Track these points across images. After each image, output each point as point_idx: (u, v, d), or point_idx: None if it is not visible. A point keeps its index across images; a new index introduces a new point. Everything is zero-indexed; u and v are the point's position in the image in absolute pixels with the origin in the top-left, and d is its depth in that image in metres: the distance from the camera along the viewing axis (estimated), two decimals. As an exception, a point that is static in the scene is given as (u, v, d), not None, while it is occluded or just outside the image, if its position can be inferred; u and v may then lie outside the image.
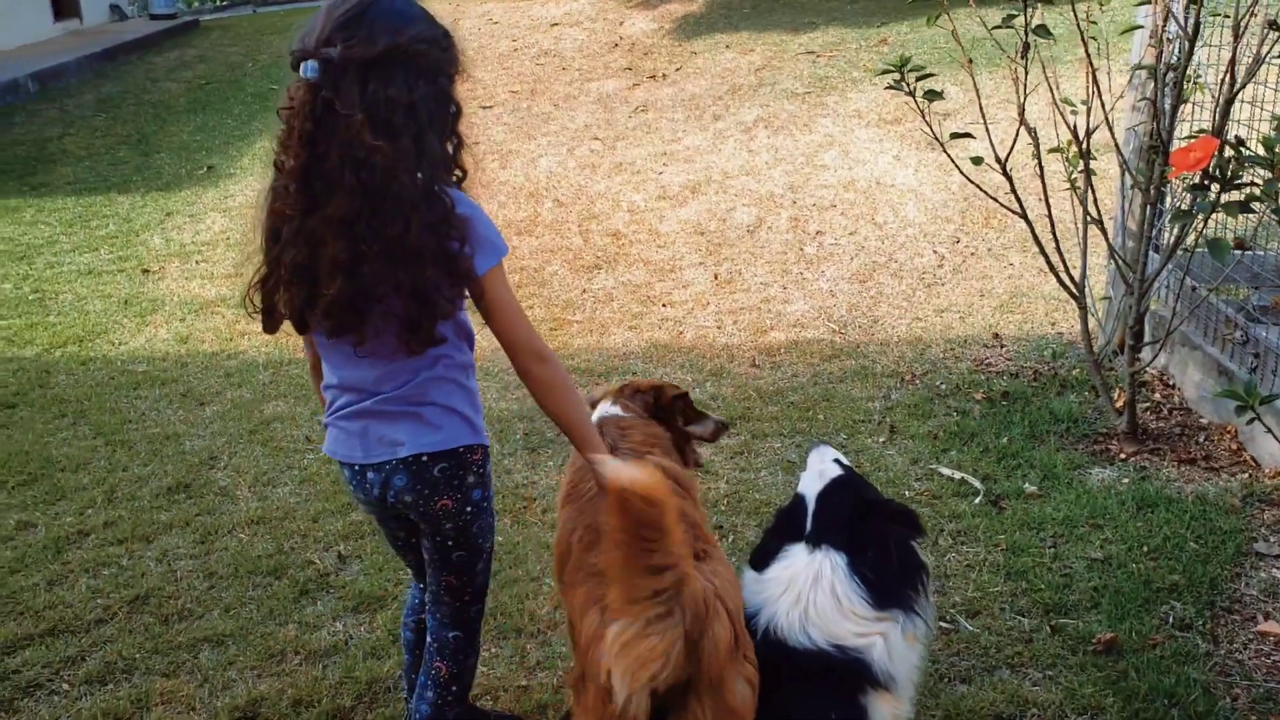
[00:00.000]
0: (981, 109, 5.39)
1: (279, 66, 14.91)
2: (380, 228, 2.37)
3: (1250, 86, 4.59)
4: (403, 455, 2.64)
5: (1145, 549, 4.30)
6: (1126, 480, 4.82)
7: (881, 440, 5.38)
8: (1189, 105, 5.24)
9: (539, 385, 2.65)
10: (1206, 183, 4.07)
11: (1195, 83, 4.92)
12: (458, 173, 2.57)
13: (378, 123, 2.35)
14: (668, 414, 3.28)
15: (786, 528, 2.70)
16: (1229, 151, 4.02)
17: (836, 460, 2.86)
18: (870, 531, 2.58)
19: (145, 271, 8.65)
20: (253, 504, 5.18)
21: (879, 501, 2.67)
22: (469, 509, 2.72)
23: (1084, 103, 4.97)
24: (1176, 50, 4.91)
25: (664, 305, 7.49)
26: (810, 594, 2.51)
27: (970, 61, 5.37)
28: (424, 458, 2.64)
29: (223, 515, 5.12)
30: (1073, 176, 5.15)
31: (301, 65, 2.39)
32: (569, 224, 9.16)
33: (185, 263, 8.83)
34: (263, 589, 4.51)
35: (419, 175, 2.41)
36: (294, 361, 6.86)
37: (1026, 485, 4.86)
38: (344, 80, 2.35)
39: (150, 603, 4.39)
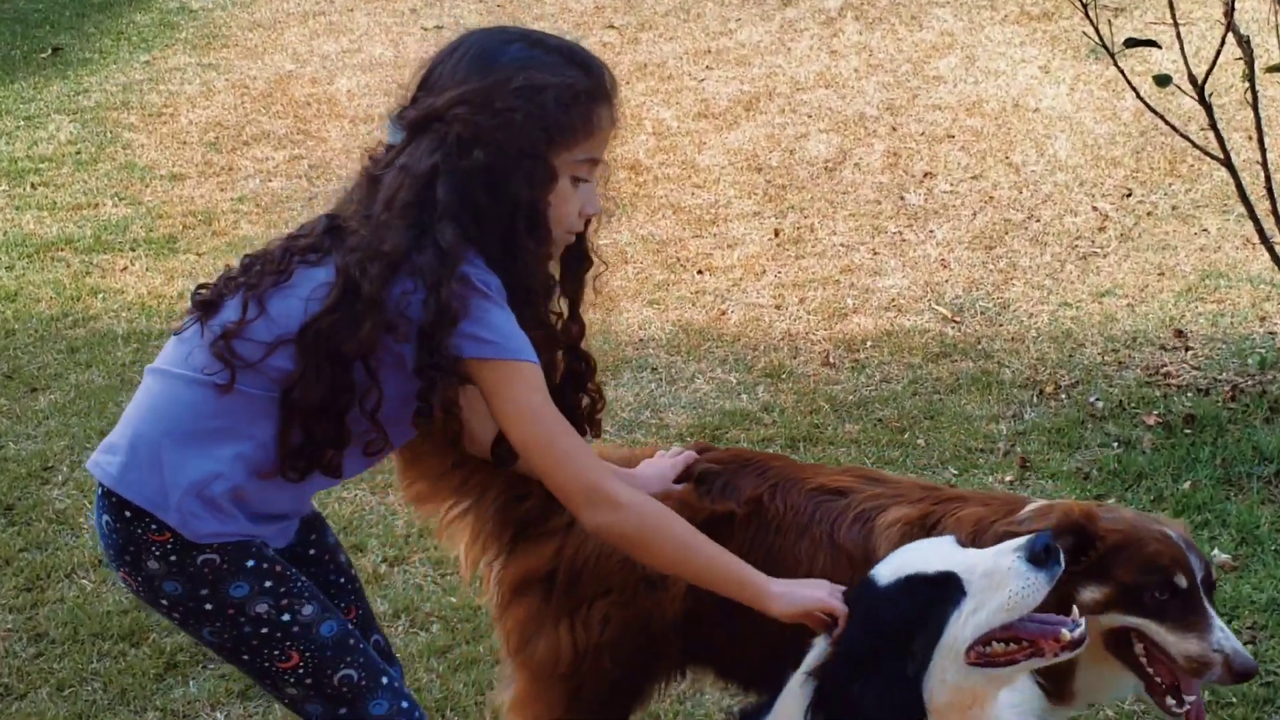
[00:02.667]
0: (1171, 4, 5.36)
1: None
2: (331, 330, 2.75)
3: None
4: (100, 477, 2.95)
5: (1386, 651, 4.28)
6: (1362, 550, 4.81)
7: (1008, 479, 5.36)
8: None
9: (615, 542, 2.94)
10: None
11: None
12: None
13: (377, 194, 2.81)
14: None
15: None
16: None
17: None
18: None
19: (-41, 197, 8.71)
20: (102, 537, 5.19)
21: None
22: (164, 602, 2.90)
23: (1322, 0, 4.95)
24: None
25: (700, 272, 7.47)
26: None
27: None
28: (113, 496, 2.92)
29: (58, 552, 5.12)
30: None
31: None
32: (567, 149, 9.15)
33: (16, 186, 8.87)
34: (113, 660, 4.50)
35: (396, 276, 2.73)
36: (166, 333, 6.86)
37: (1216, 552, 4.82)
38: (390, 149, 2.86)
39: (-49, 673, 4.41)
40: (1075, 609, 2.73)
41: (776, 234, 7.84)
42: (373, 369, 2.75)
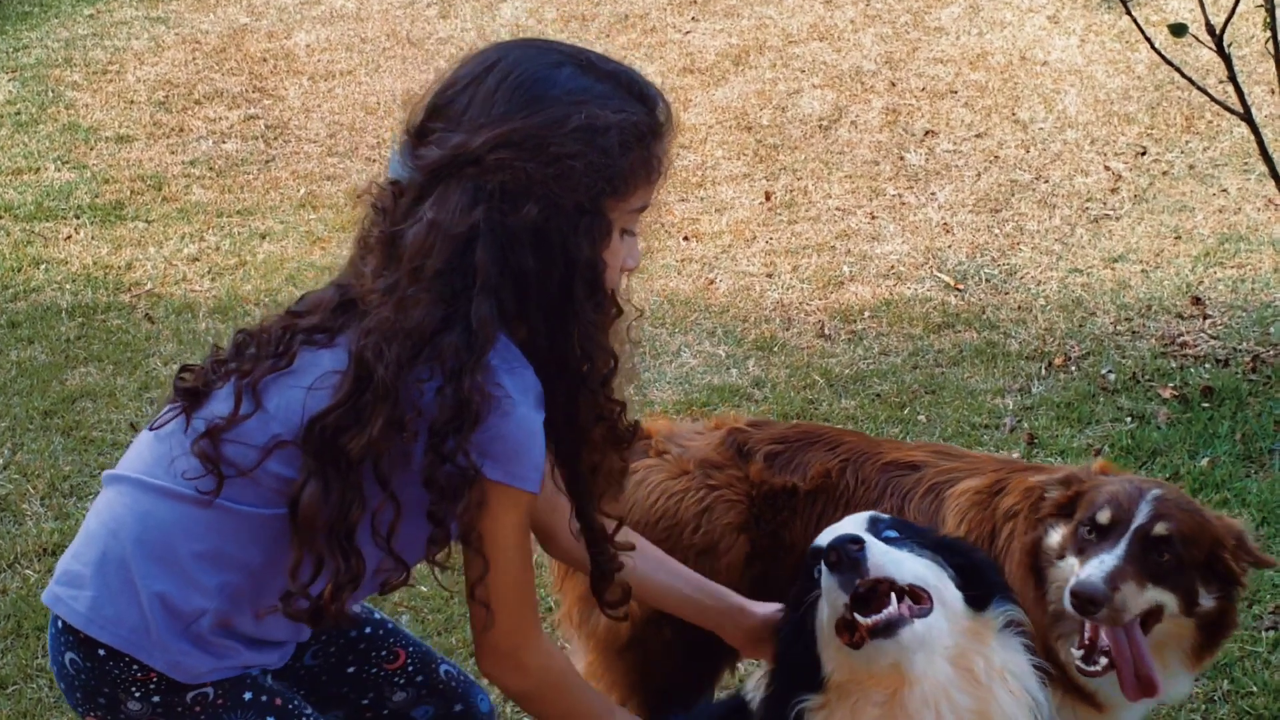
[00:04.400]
0: (1188, -51, 5.37)
1: None
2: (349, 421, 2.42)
3: None
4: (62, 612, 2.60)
5: None
6: (1390, 530, 4.83)
7: (1015, 456, 5.38)
8: None
9: (506, 694, 2.79)
10: None
11: None
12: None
13: (398, 257, 2.43)
14: None
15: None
16: None
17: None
18: None
19: (-111, 161, 8.67)
20: (47, 524, 5.18)
21: None
22: None
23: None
24: None
25: (686, 238, 7.46)
26: None
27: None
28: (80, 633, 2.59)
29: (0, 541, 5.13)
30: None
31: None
32: (543, 107, 9.13)
33: (-49, 149, 8.84)
34: (59, 655, 4.52)
35: (416, 360, 2.40)
36: (113, 306, 6.87)
37: (1235, 533, 4.86)
38: (406, 190, 2.48)
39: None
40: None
41: (768, 197, 7.83)
42: (384, 476, 2.44)
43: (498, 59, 2.52)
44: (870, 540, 2.56)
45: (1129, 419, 5.62)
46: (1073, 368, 6.05)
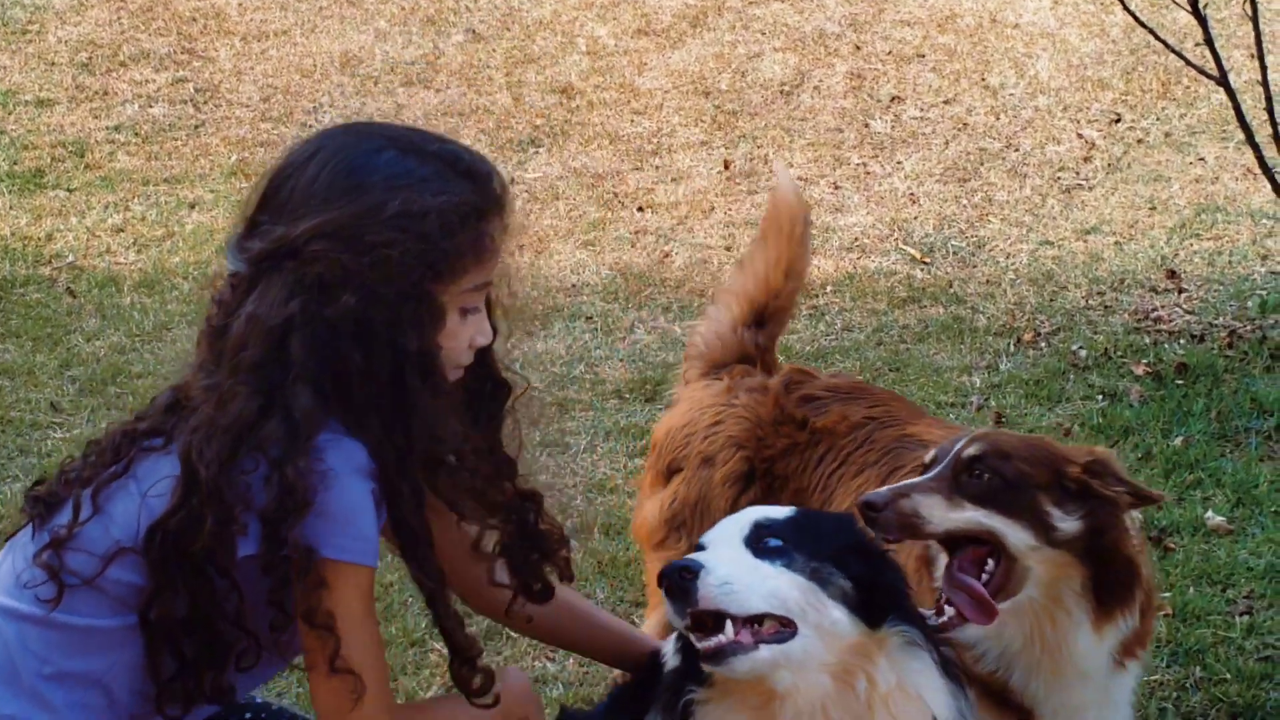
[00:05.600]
0: (1164, -95, 5.39)
1: None
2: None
3: None
4: None
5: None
6: (1371, 511, 4.88)
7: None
8: None
9: None
10: None
11: None
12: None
13: (221, 353, 2.53)
14: None
15: None
16: None
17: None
18: None
19: None
20: (-40, 510, 5.15)
21: None
22: None
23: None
24: None
25: (641, 209, 7.45)
26: None
27: None
28: None
29: (-89, 527, 5.08)
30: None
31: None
32: (491, 70, 9.08)
33: None
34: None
35: (237, 454, 2.46)
36: (32, 279, 6.81)
37: (1210, 514, 4.88)
38: (239, 283, 2.56)
39: None
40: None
41: (726, 166, 7.83)
42: (224, 568, 2.49)
43: (320, 146, 2.59)
44: (707, 571, 2.59)
45: (1100, 397, 5.66)
46: (1042, 344, 6.08)
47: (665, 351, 6.13)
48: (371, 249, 2.47)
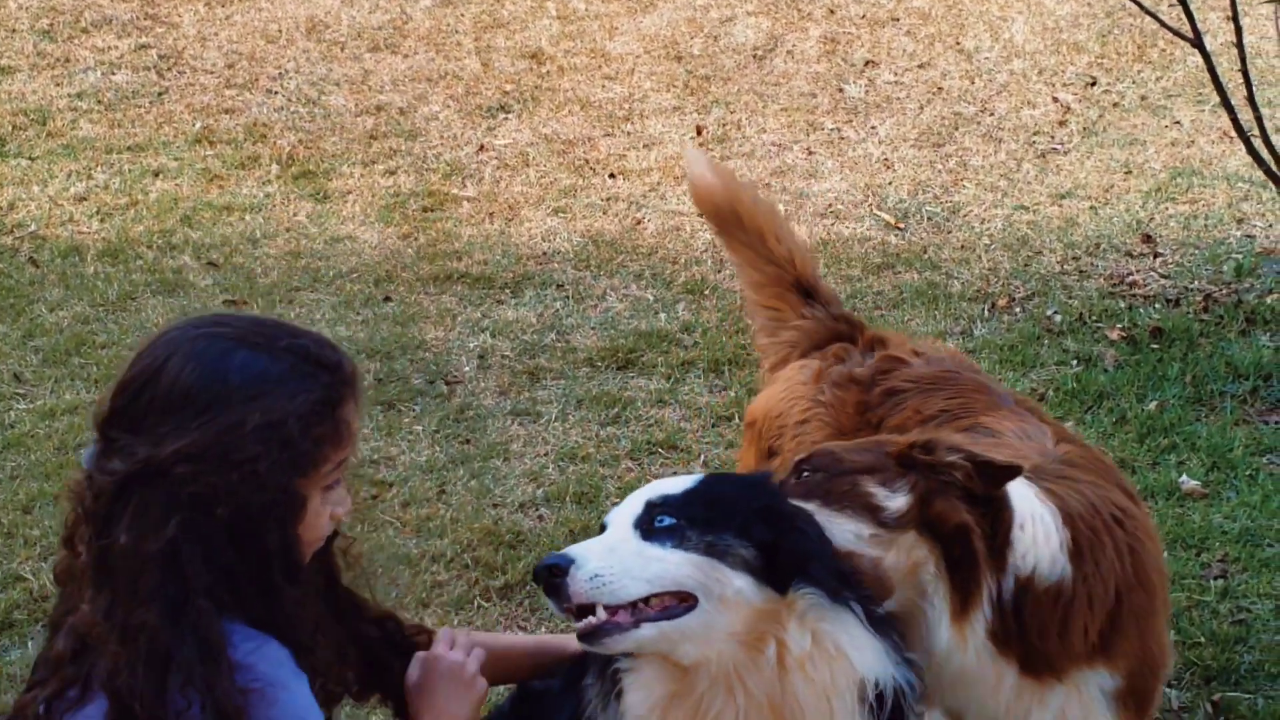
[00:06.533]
0: None
1: None
2: None
3: None
4: None
5: (1369, 584, 4.38)
6: (1345, 475, 4.92)
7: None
8: None
9: None
10: None
11: None
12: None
13: (113, 584, 2.52)
14: None
15: None
16: None
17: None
18: None
19: None
20: (-77, 482, 5.12)
21: None
22: None
23: None
24: None
25: (612, 175, 7.43)
26: None
27: None
28: None
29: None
30: (1281, -19, 5.18)
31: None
32: (459, 36, 9.04)
33: None
34: (-63, 621, 4.46)
35: (166, 683, 2.48)
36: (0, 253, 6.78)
37: (1184, 478, 4.92)
38: (101, 494, 2.55)
39: None
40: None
41: (699, 132, 7.82)
42: None
43: (169, 354, 2.59)
44: (576, 566, 2.62)
45: (1075, 362, 5.68)
46: (1017, 309, 6.10)
47: (637, 319, 6.12)
48: (239, 465, 2.52)
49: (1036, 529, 2.90)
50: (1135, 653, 2.97)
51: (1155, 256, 6.44)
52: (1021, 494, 2.93)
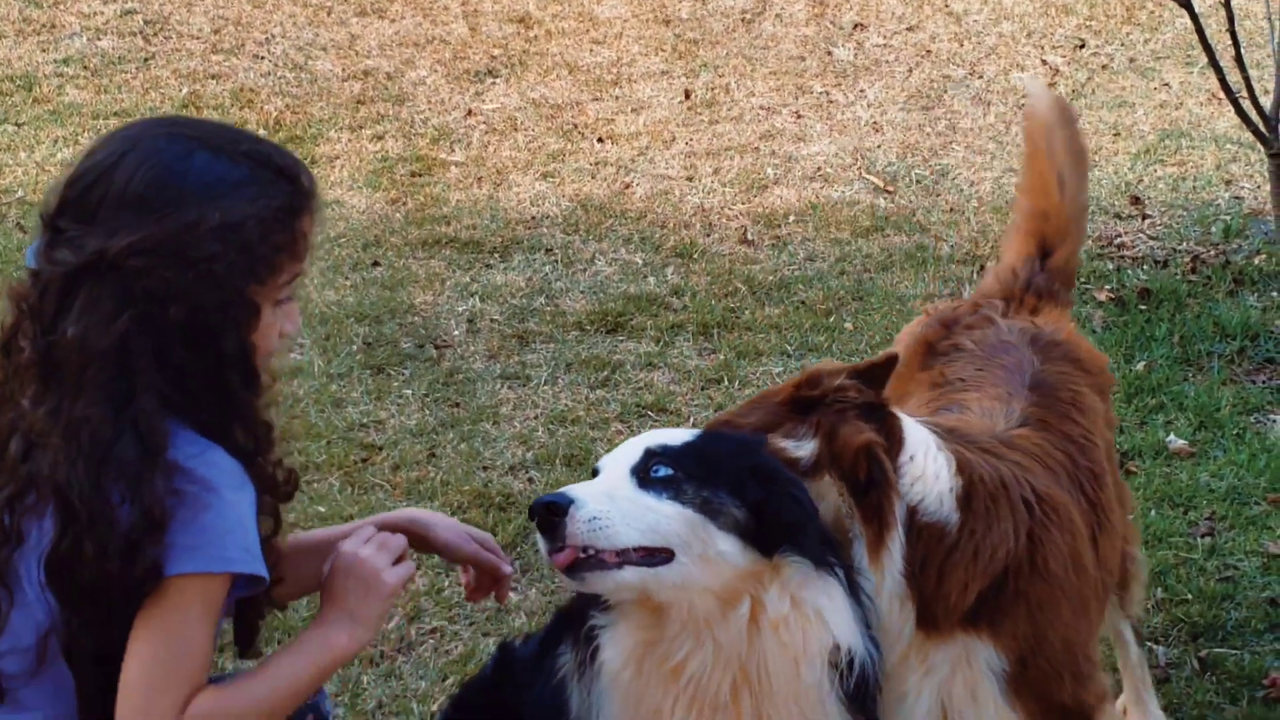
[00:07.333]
0: None
1: None
2: None
3: None
4: None
5: (1354, 542, 4.43)
6: (1331, 434, 4.95)
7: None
8: None
9: None
10: None
11: None
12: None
13: (59, 379, 2.49)
14: None
15: None
16: None
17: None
18: None
19: None
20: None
21: None
22: None
23: None
24: None
25: (600, 140, 7.44)
26: None
27: None
28: None
29: None
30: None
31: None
32: (445, 0, 9.07)
33: None
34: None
35: (104, 476, 2.46)
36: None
37: (1171, 437, 4.96)
38: (47, 289, 2.51)
39: None
40: None
41: (687, 96, 7.83)
42: (115, 597, 2.50)
43: (126, 149, 2.56)
44: (576, 506, 2.61)
45: (1064, 323, 5.71)
46: (1006, 272, 6.13)
47: (626, 283, 6.14)
48: (195, 263, 2.49)
49: (926, 464, 2.87)
50: (1027, 639, 2.91)
51: (1144, 218, 6.48)
52: (917, 432, 2.91)
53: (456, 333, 5.81)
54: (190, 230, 2.49)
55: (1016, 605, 2.90)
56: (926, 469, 2.87)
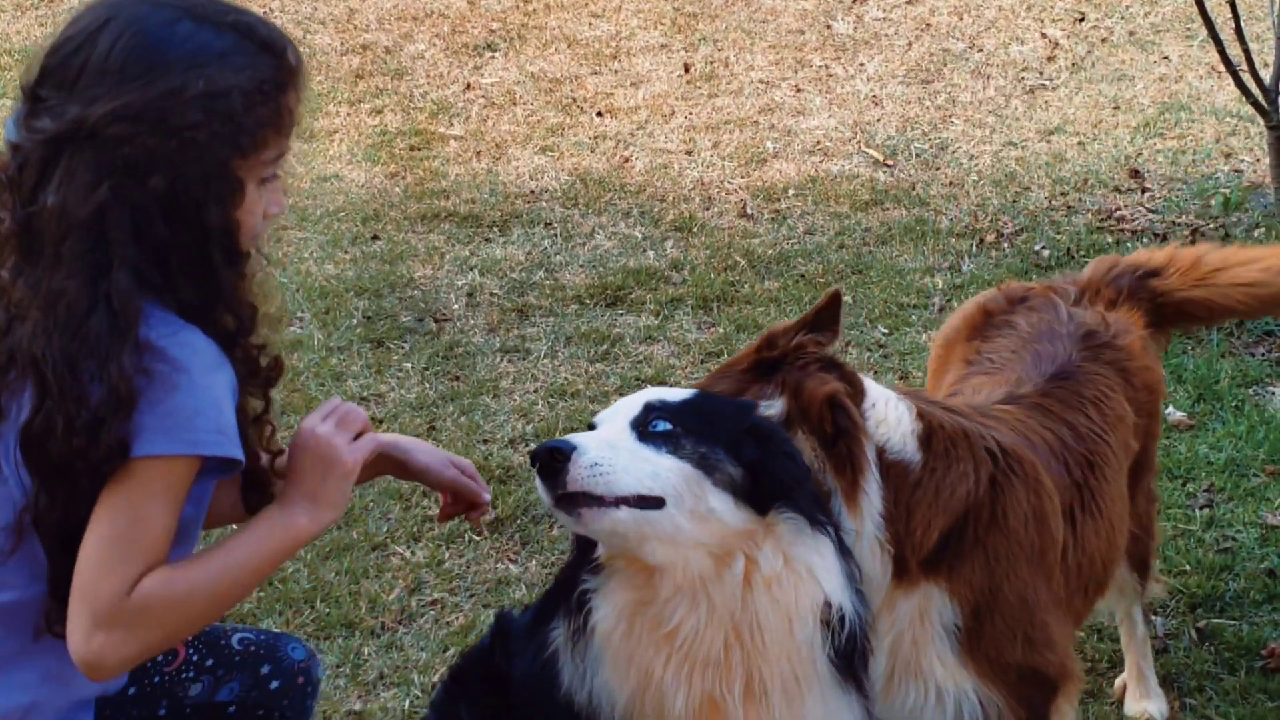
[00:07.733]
0: None
1: None
2: None
3: None
4: None
5: (1351, 513, 4.45)
6: (1329, 406, 4.97)
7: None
8: None
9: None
10: None
11: None
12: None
13: (39, 249, 2.46)
14: None
15: None
16: None
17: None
18: None
19: None
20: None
21: None
22: None
23: None
24: None
25: (600, 114, 7.45)
26: None
27: None
28: None
29: None
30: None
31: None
32: (445, -26, 9.05)
33: None
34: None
35: (81, 350, 2.44)
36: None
37: (1170, 410, 4.96)
38: (27, 161, 2.47)
39: None
40: None
41: (686, 69, 7.83)
42: (87, 472, 2.48)
43: (109, 17, 2.51)
44: (579, 452, 2.62)
45: (1063, 297, 5.73)
46: (1005, 245, 6.14)
47: (625, 257, 6.15)
48: (177, 131, 2.45)
49: (888, 410, 2.92)
50: (983, 590, 2.95)
51: (1143, 191, 6.48)
52: (876, 385, 2.97)
53: (456, 306, 5.83)
54: (173, 97, 2.45)
55: (975, 552, 2.94)
56: (888, 414, 2.92)
